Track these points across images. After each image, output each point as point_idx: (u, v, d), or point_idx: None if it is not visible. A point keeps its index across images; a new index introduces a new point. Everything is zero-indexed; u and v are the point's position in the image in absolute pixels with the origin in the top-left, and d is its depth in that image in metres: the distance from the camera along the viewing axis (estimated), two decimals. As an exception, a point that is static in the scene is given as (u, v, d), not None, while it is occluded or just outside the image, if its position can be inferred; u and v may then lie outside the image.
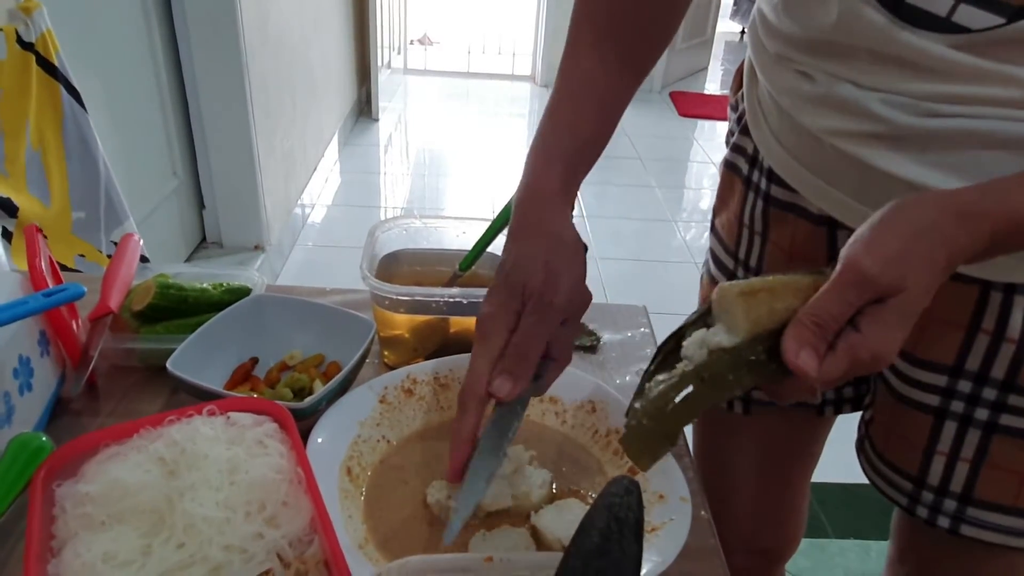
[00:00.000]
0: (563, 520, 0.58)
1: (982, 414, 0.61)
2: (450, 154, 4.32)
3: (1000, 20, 0.49)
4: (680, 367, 0.50)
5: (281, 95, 2.82)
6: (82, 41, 1.60)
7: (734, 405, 0.81)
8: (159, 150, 2.29)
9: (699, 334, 0.50)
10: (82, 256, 1.25)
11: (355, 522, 0.57)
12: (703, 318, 0.53)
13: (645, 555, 0.52)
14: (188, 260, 2.55)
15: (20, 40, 1.14)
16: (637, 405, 0.51)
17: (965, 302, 0.59)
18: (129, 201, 1.49)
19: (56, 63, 1.20)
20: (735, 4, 7.09)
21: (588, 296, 0.60)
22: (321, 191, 3.54)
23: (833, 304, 0.46)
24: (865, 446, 0.73)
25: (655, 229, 3.41)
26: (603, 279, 2.90)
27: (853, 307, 0.46)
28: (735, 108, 0.76)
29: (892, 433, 0.69)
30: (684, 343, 0.51)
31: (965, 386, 0.61)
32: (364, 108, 4.68)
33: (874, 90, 0.55)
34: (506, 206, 0.76)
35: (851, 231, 0.49)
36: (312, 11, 3.30)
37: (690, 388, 0.48)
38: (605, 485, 0.44)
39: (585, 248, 0.60)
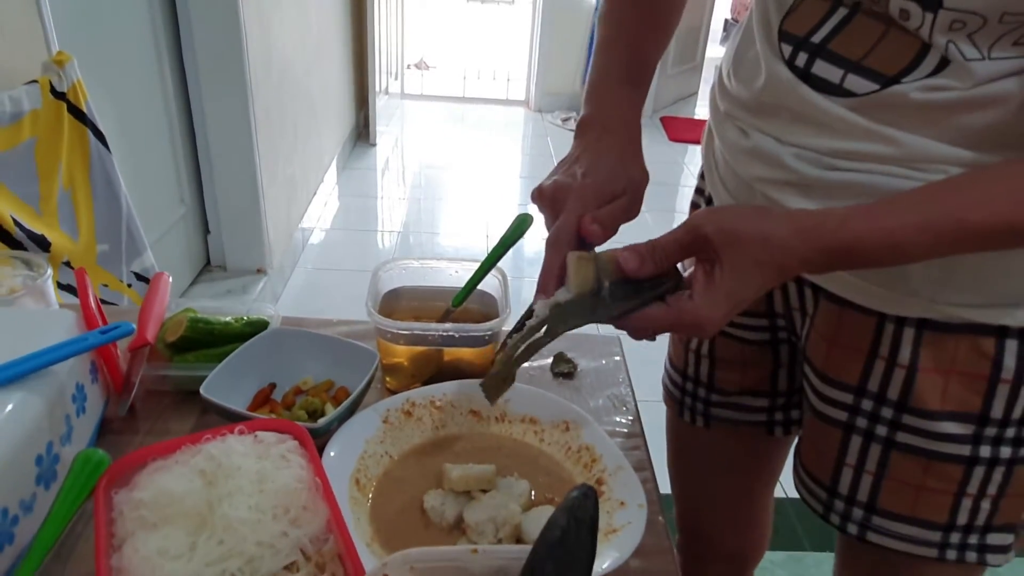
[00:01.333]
0: (539, 524, 0.68)
1: (882, 431, 0.70)
2: (446, 177, 4.41)
3: (876, 86, 0.60)
4: (528, 323, 0.62)
5: (283, 124, 2.93)
6: (103, 85, 1.72)
7: (696, 419, 0.91)
8: (168, 179, 2.40)
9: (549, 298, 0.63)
10: (105, 285, 1.36)
11: (363, 524, 0.67)
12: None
13: (606, 551, 0.63)
14: (193, 283, 2.65)
15: (53, 90, 1.25)
16: (496, 357, 0.66)
17: (865, 331, 0.69)
18: (141, 227, 1.60)
19: (85, 110, 1.31)
20: (724, 30, 7.27)
21: (638, 175, 0.72)
22: (320, 215, 3.64)
23: (669, 234, 0.60)
24: (796, 461, 0.83)
25: (644, 252, 3.51)
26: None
27: (680, 244, 0.59)
28: (704, 156, 0.87)
29: (812, 446, 0.79)
30: (535, 304, 0.63)
31: (867, 404, 0.71)
32: (362, 133, 4.78)
33: (790, 145, 0.66)
34: (490, 254, 0.88)
35: None
36: (314, 42, 3.42)
37: (532, 337, 0.62)
38: (568, 491, 0.54)
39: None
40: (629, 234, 0.66)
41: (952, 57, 0.57)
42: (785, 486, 1.97)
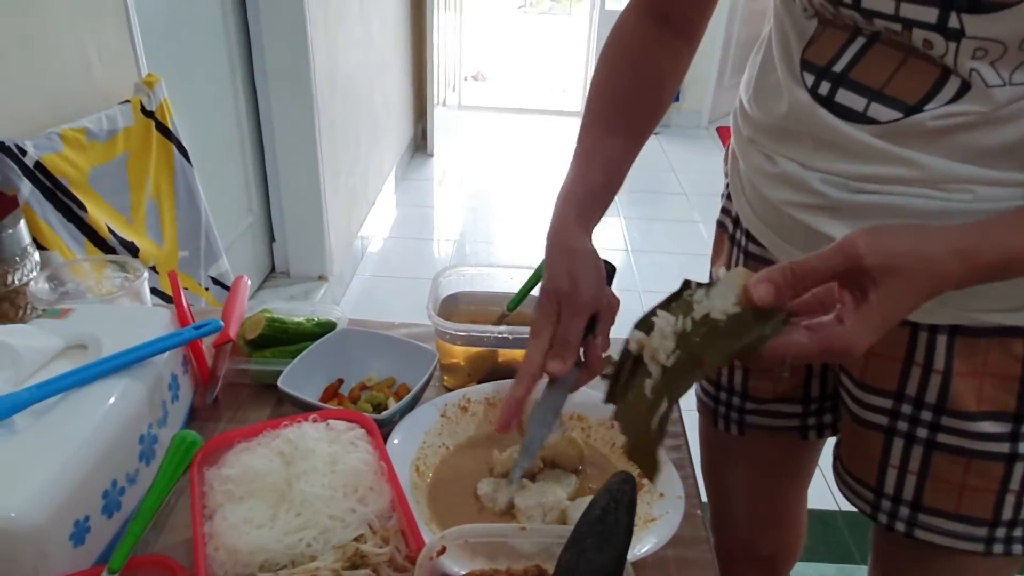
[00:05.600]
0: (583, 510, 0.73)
1: (922, 433, 0.74)
2: (501, 188, 4.48)
3: (899, 115, 0.64)
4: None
5: (346, 137, 3.05)
6: (184, 102, 1.84)
7: (730, 427, 0.95)
8: (239, 190, 2.53)
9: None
10: (186, 289, 1.46)
11: (421, 506, 0.74)
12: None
13: (645, 537, 0.68)
14: (259, 289, 2.78)
15: (143, 109, 1.37)
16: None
17: (900, 340, 0.72)
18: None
19: (171, 127, 1.42)
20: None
21: (614, 299, 0.76)
22: (379, 224, 3.74)
23: (816, 260, 0.55)
24: (837, 464, 0.86)
25: (698, 264, 3.49)
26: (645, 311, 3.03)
27: (832, 272, 0.54)
28: (726, 176, 0.91)
29: (854, 450, 0.82)
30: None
31: (907, 409, 0.74)
32: (420, 144, 4.90)
33: (815, 170, 0.70)
34: (541, 264, 0.93)
35: None
36: (377, 57, 3.54)
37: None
38: (609, 476, 0.60)
39: (604, 262, 0.77)
40: (682, 246, 0.69)
41: (974, 83, 0.60)
42: (837, 498, 1.97)
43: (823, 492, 1.88)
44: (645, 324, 0.64)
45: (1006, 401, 0.69)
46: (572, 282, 0.73)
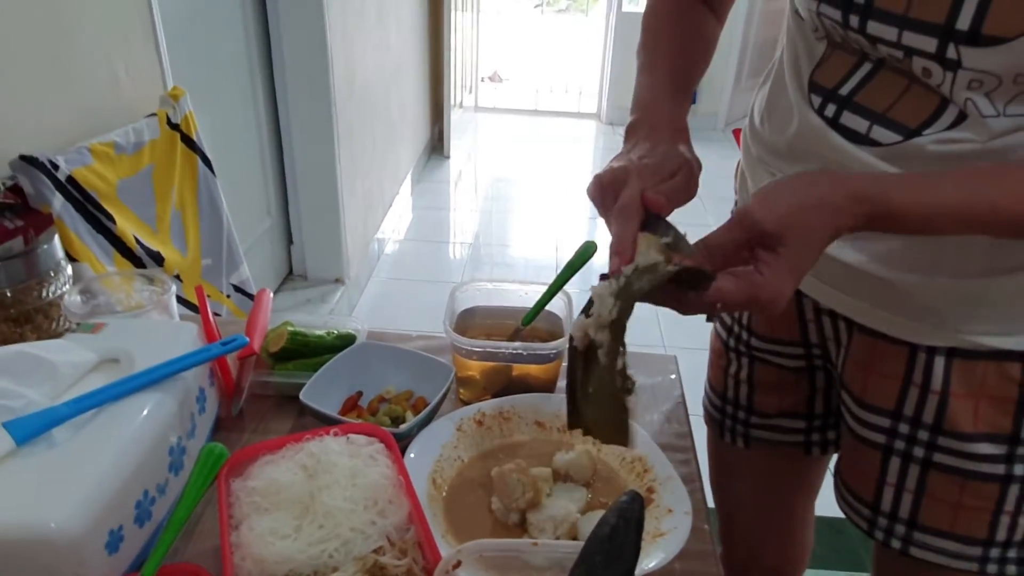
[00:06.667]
0: (594, 524, 0.75)
1: (919, 452, 0.76)
2: (517, 190, 4.50)
3: (899, 138, 0.66)
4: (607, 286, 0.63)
5: (363, 141, 3.09)
6: (207, 113, 1.88)
7: (736, 440, 0.98)
8: (258, 195, 2.58)
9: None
10: (208, 296, 1.50)
11: (438, 518, 0.76)
12: None
13: (653, 552, 0.71)
14: (277, 292, 2.83)
15: (169, 121, 1.41)
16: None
17: (898, 360, 0.75)
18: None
19: (195, 138, 1.46)
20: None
21: (690, 157, 0.73)
22: (395, 226, 3.77)
23: (721, 231, 0.61)
24: (837, 479, 0.88)
25: (711, 267, 3.52)
26: (659, 314, 3.04)
27: (736, 240, 0.60)
28: (736, 192, 0.93)
29: (853, 467, 0.84)
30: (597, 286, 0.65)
31: (904, 428, 0.76)
32: (436, 146, 4.93)
33: None
34: (557, 278, 0.96)
35: (808, 296, 0.64)
36: (394, 62, 3.58)
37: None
38: (619, 496, 0.62)
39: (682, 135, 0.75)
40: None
41: (970, 112, 0.62)
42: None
43: (833, 500, 1.89)
44: (584, 311, 0.67)
45: (1002, 423, 0.71)
46: (644, 154, 0.71)
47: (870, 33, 0.64)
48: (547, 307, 0.99)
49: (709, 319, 0.96)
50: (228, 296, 1.58)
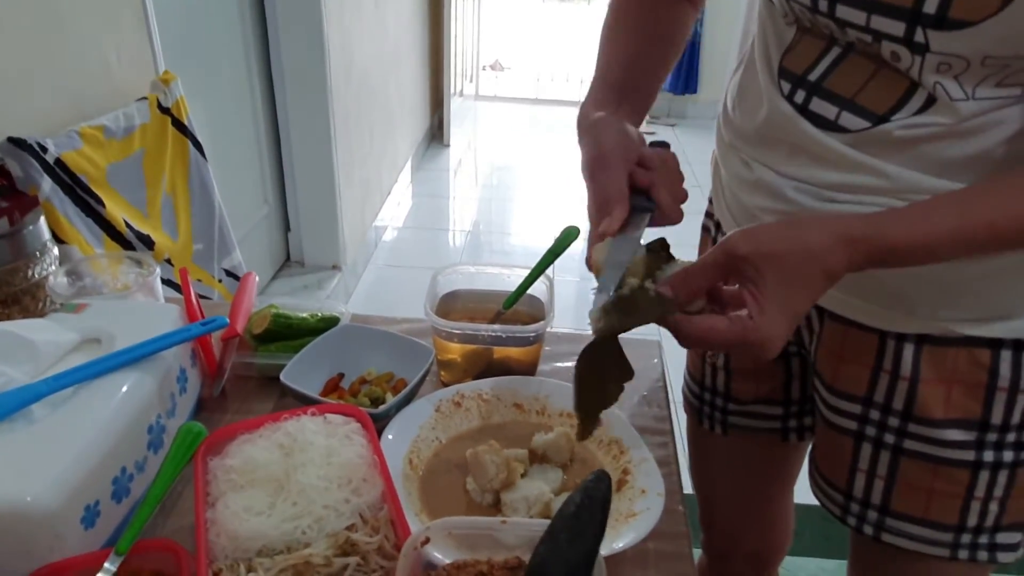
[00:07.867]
0: (568, 505, 0.77)
1: (889, 438, 0.76)
2: (517, 178, 4.50)
3: (867, 124, 0.66)
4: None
5: (360, 129, 3.09)
6: (200, 98, 1.89)
7: (714, 426, 0.98)
8: (254, 181, 2.58)
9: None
10: (199, 281, 1.51)
11: (413, 497, 0.77)
12: None
13: (625, 532, 0.72)
14: (274, 278, 2.84)
15: (160, 106, 1.41)
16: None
17: (868, 347, 0.75)
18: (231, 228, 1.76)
19: (186, 123, 1.47)
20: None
21: (667, 155, 0.73)
22: (394, 214, 3.78)
23: (704, 259, 0.60)
24: (811, 466, 0.89)
25: (708, 257, 3.52)
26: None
27: (717, 267, 0.59)
28: (712, 183, 0.94)
29: (826, 454, 0.84)
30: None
31: (875, 414, 0.76)
32: (436, 134, 4.92)
33: (789, 178, 0.72)
34: (539, 262, 0.97)
35: None
36: (391, 49, 3.57)
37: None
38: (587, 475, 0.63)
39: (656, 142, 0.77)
40: (694, 238, 0.67)
41: (939, 96, 0.62)
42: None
43: (822, 488, 1.89)
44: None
45: (972, 409, 0.71)
46: (595, 144, 0.72)
47: (839, 17, 0.64)
48: (529, 291, 1.00)
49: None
50: (220, 281, 1.59)
